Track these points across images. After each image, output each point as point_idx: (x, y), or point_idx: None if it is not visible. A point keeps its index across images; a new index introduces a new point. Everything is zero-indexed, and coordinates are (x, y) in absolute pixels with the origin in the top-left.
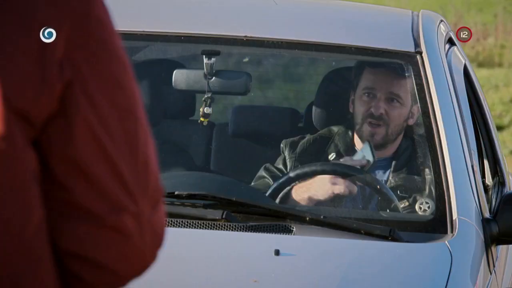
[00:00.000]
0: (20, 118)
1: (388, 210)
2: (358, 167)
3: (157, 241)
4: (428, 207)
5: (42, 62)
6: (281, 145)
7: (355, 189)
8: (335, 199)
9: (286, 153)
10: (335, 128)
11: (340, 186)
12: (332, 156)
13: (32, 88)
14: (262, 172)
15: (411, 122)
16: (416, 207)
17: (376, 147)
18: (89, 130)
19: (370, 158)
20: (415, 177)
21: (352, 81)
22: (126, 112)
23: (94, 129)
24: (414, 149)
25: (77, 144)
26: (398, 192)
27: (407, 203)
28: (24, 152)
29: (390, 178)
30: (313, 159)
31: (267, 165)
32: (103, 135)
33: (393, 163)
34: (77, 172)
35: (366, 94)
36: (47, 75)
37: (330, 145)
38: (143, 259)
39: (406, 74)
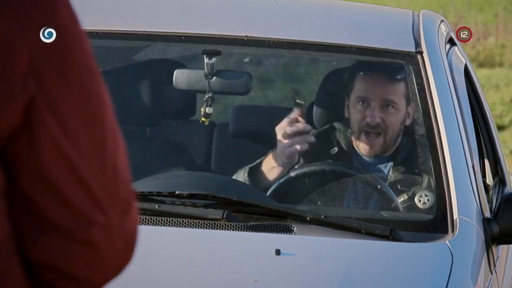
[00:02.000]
0: None
1: (388, 210)
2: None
3: (129, 245)
4: (428, 200)
5: (5, 75)
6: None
7: (308, 138)
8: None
9: None
10: (335, 124)
11: (293, 148)
12: (333, 151)
13: None
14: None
15: (408, 122)
16: (416, 200)
17: (375, 155)
18: (54, 143)
19: None
20: (415, 171)
21: (346, 85)
22: (93, 122)
23: (60, 142)
24: (414, 146)
25: (43, 157)
26: (399, 186)
27: (406, 197)
28: None
29: (391, 173)
30: (310, 157)
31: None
32: (69, 148)
33: (393, 159)
34: (44, 186)
35: (360, 103)
36: (10, 88)
37: (332, 141)
38: (115, 266)
39: (398, 77)
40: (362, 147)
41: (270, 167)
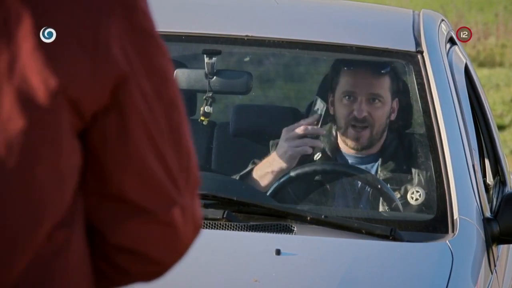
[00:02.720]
0: (71, 107)
1: (388, 209)
2: (315, 125)
3: (197, 228)
4: (420, 195)
5: (97, 54)
6: (270, 144)
7: (318, 143)
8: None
9: None
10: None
11: (303, 148)
12: (318, 156)
13: (86, 79)
14: (250, 167)
15: (393, 117)
16: (408, 197)
17: (362, 148)
18: (142, 123)
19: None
20: (404, 168)
21: (330, 82)
22: (171, 105)
23: (147, 122)
24: (400, 143)
25: (131, 137)
26: (389, 185)
27: (398, 195)
28: (71, 143)
29: (379, 171)
30: (299, 159)
31: (255, 160)
32: (154, 128)
33: (380, 157)
34: (131, 167)
35: (347, 97)
36: (101, 67)
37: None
38: (185, 248)
39: (383, 71)
40: (349, 142)
41: (263, 174)
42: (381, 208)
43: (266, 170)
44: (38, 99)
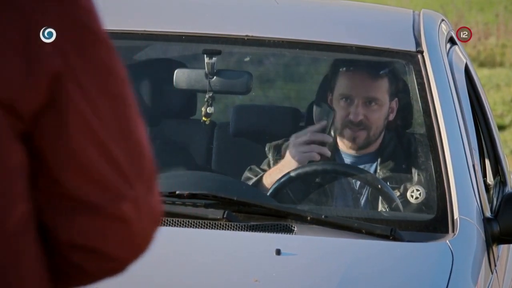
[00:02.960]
0: (6, 110)
1: (388, 209)
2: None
3: (154, 222)
4: (420, 194)
5: (28, 53)
6: (266, 148)
7: (325, 150)
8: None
9: (270, 156)
10: None
11: (310, 154)
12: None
13: (17, 80)
14: (247, 174)
15: (391, 117)
16: (408, 195)
17: (359, 149)
18: (82, 119)
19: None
20: (402, 167)
21: (329, 81)
22: (117, 98)
23: (87, 118)
24: (399, 142)
25: (71, 135)
26: (388, 184)
27: (398, 193)
28: (9, 145)
29: (378, 170)
30: None
31: (252, 166)
32: (96, 124)
33: (379, 156)
34: (73, 163)
35: (344, 100)
36: (33, 66)
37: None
38: (142, 243)
39: (381, 73)
40: (346, 142)
41: (273, 181)
42: (381, 208)
43: (276, 176)
44: None
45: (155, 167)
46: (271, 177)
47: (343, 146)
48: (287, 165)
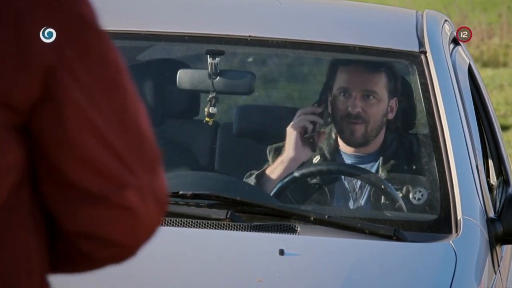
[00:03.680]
0: (0, 104)
1: (391, 209)
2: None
3: (161, 206)
4: (422, 195)
5: (20, 47)
6: (267, 151)
7: (317, 118)
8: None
9: (270, 159)
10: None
11: (301, 121)
12: (316, 159)
13: (9, 74)
14: (264, 167)
15: (390, 116)
16: (410, 197)
17: (358, 144)
18: (80, 111)
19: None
20: (406, 168)
21: (327, 81)
22: (114, 86)
23: (85, 109)
24: (401, 143)
25: (70, 126)
26: (390, 185)
27: (400, 194)
28: (5, 138)
29: (380, 171)
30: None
31: (252, 172)
32: (94, 114)
33: (380, 157)
34: (74, 155)
35: (342, 94)
36: (25, 60)
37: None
38: (149, 228)
39: (380, 68)
40: (344, 137)
41: (274, 167)
42: (384, 208)
43: (279, 168)
44: None
45: (158, 150)
46: (275, 169)
47: (344, 145)
48: (286, 150)
